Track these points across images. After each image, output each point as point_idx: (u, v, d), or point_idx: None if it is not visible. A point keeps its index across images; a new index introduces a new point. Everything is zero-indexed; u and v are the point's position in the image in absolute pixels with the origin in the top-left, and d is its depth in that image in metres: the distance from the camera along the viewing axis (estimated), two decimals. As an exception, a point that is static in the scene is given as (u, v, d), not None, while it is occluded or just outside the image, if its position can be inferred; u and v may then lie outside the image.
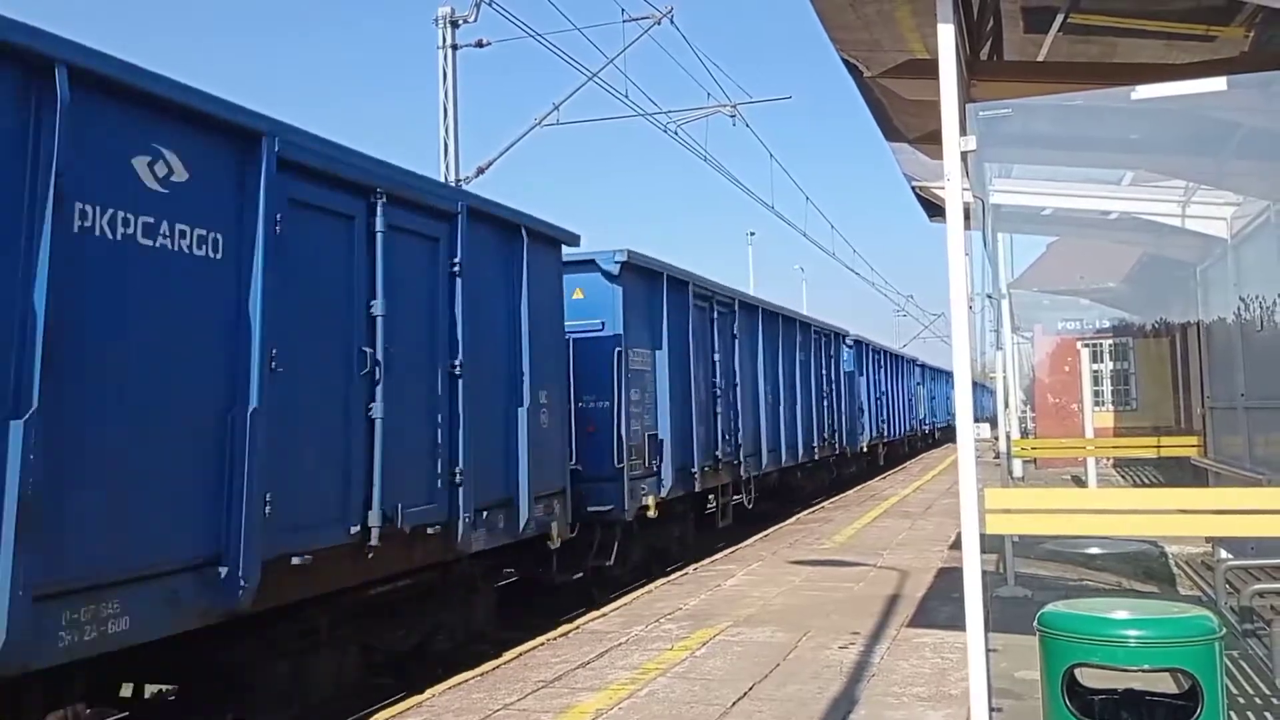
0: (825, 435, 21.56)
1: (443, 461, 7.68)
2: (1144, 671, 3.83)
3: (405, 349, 7.29)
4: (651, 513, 11.58)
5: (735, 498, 15.25)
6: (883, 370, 30.33)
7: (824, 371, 21.97)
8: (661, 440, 12.12)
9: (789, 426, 18.33)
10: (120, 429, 5.10)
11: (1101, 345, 23.65)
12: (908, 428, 36.40)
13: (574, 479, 10.17)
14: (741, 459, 15.30)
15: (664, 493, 12.08)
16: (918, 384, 39.62)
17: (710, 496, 14.35)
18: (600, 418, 10.98)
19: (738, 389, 15.31)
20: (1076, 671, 3.84)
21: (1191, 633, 3.63)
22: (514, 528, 8.68)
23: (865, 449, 27.03)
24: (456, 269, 7.94)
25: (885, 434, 30.41)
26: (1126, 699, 3.88)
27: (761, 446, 16.43)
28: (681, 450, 12.76)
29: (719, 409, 14.34)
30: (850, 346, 25.64)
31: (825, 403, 21.80)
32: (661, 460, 12.09)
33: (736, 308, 15.54)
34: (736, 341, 15.34)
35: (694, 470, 13.13)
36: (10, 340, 4.54)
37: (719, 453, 14.21)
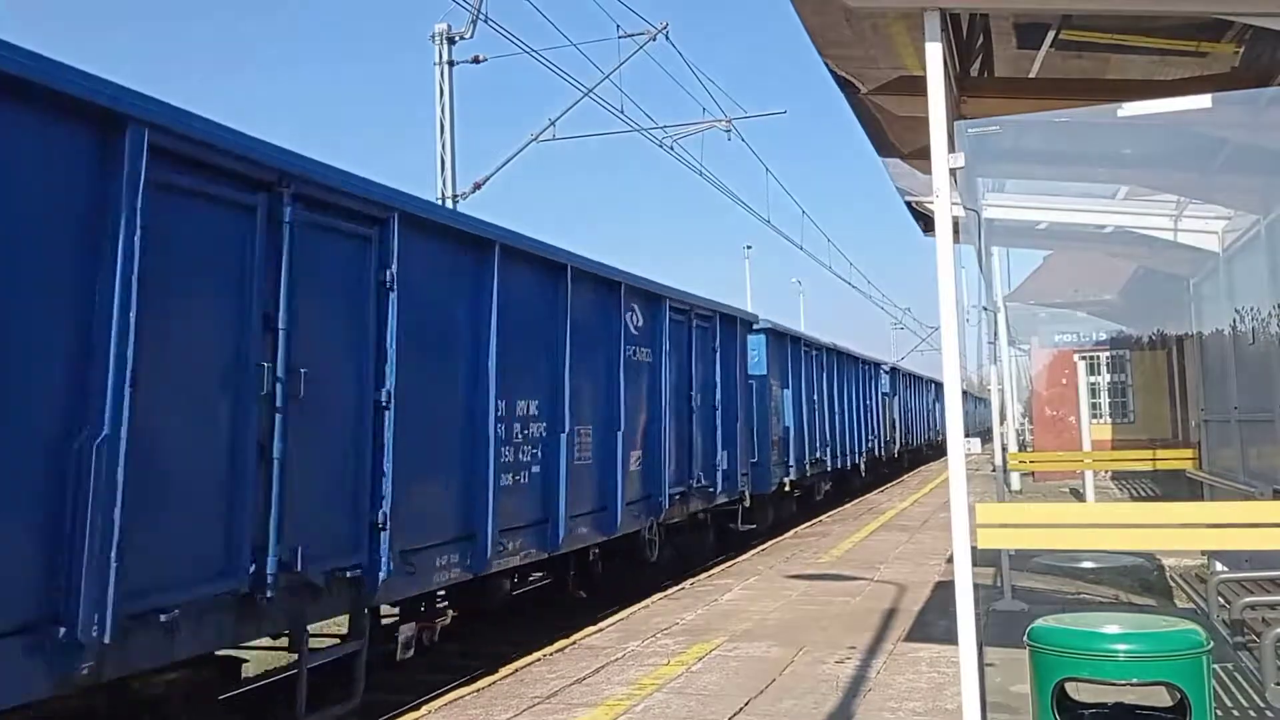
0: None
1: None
2: (1135, 685, 3.85)
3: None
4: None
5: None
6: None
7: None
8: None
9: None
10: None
11: (1098, 358, 23.68)
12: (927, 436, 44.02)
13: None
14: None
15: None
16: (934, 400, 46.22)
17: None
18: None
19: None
20: (1068, 686, 3.85)
21: (1179, 646, 3.64)
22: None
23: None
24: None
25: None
26: (1116, 713, 3.89)
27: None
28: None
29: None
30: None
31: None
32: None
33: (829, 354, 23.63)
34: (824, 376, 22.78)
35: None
36: None
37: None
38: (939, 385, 44.33)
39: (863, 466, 26.78)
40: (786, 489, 18.93)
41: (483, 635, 10.16)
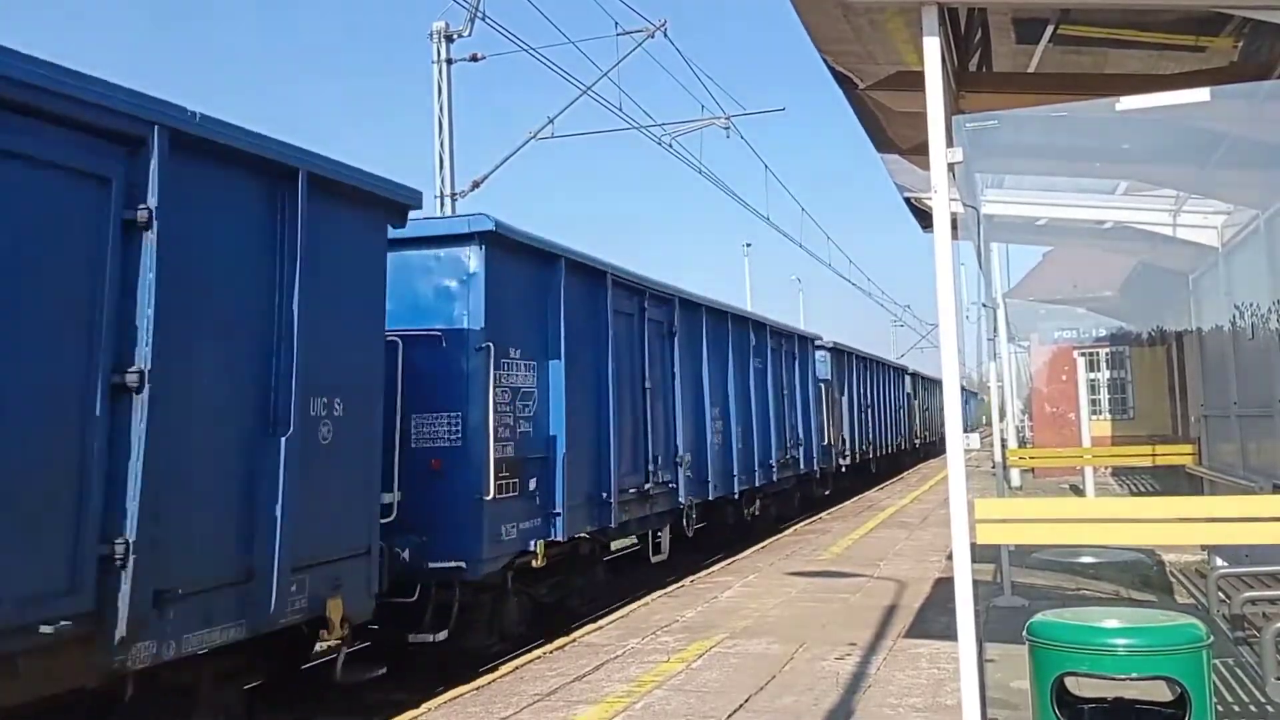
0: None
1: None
2: (1134, 680, 3.84)
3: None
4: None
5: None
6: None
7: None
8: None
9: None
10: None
11: (1098, 354, 23.63)
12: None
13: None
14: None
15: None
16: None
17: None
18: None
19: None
20: (1067, 681, 3.85)
21: (1179, 641, 3.64)
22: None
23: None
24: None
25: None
26: (1116, 707, 3.88)
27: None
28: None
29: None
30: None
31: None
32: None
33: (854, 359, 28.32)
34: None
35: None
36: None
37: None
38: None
39: (889, 455, 32.78)
40: (843, 469, 24.88)
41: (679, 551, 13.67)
